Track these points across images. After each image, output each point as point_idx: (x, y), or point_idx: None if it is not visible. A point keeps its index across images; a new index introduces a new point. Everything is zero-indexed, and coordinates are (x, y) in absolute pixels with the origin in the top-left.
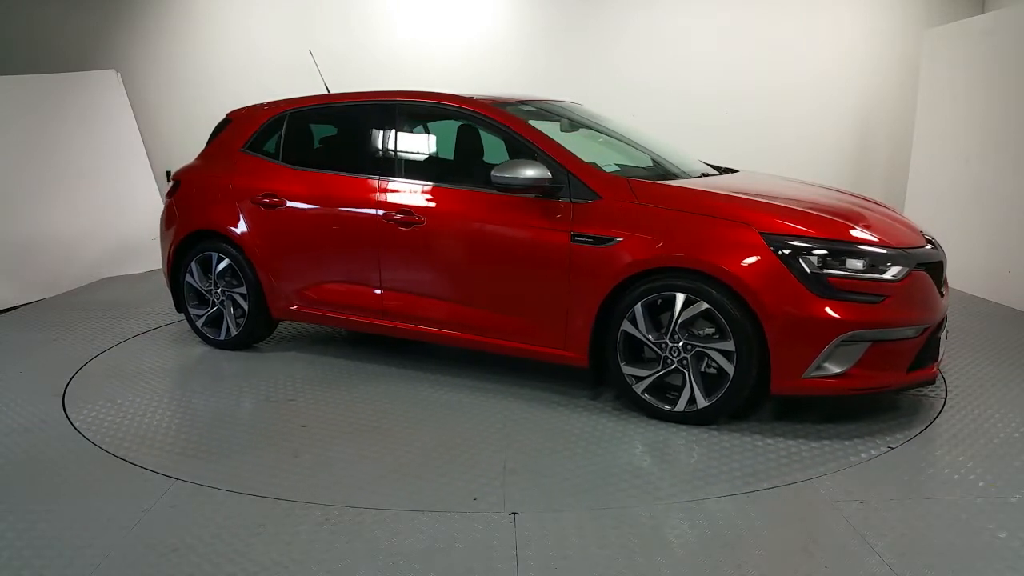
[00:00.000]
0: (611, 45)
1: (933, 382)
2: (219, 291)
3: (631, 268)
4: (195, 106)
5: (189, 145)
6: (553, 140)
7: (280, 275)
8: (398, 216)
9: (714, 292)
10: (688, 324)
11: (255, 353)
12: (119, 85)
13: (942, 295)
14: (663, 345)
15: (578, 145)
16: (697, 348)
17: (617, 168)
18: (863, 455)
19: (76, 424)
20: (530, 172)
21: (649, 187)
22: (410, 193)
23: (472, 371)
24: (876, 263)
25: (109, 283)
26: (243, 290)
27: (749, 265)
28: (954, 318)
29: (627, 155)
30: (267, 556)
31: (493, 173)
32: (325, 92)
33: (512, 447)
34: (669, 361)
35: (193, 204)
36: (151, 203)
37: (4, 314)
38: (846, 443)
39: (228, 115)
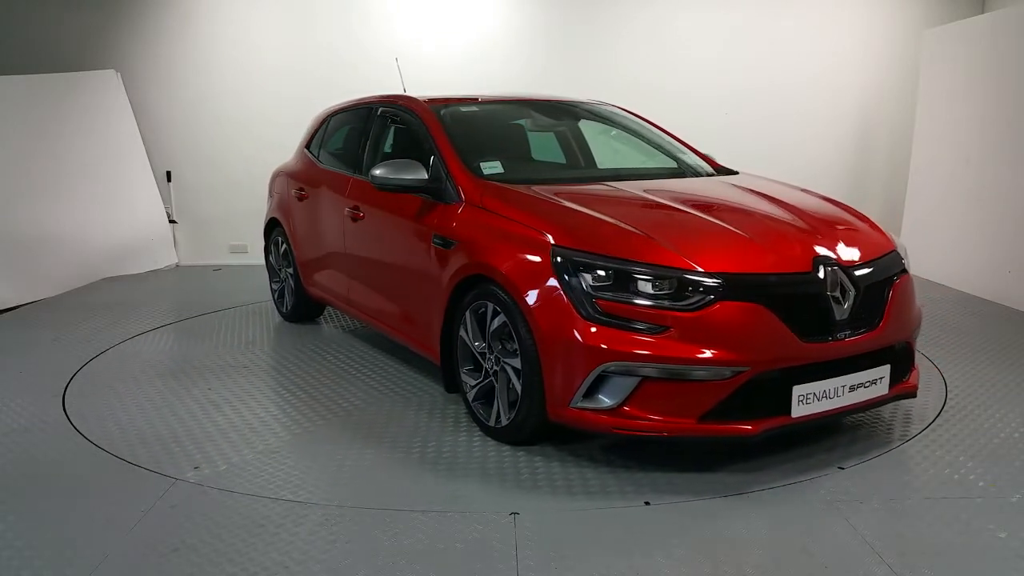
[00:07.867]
0: (611, 46)
1: (750, 440)
2: (282, 271)
3: (460, 273)
4: (195, 106)
5: (189, 145)
6: (448, 140)
7: (303, 259)
8: (353, 210)
9: (510, 305)
10: (500, 336)
11: (301, 333)
12: (119, 85)
13: (837, 337)
14: (483, 355)
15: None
16: (502, 362)
17: (500, 170)
18: (864, 455)
19: (76, 424)
20: (401, 174)
21: (496, 191)
22: (362, 189)
23: None
24: (669, 288)
25: (109, 283)
26: (292, 270)
27: (531, 279)
28: (954, 318)
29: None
30: (267, 556)
31: (371, 171)
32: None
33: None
34: (488, 372)
35: (272, 196)
36: (151, 203)
37: (4, 314)
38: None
39: (313, 119)
